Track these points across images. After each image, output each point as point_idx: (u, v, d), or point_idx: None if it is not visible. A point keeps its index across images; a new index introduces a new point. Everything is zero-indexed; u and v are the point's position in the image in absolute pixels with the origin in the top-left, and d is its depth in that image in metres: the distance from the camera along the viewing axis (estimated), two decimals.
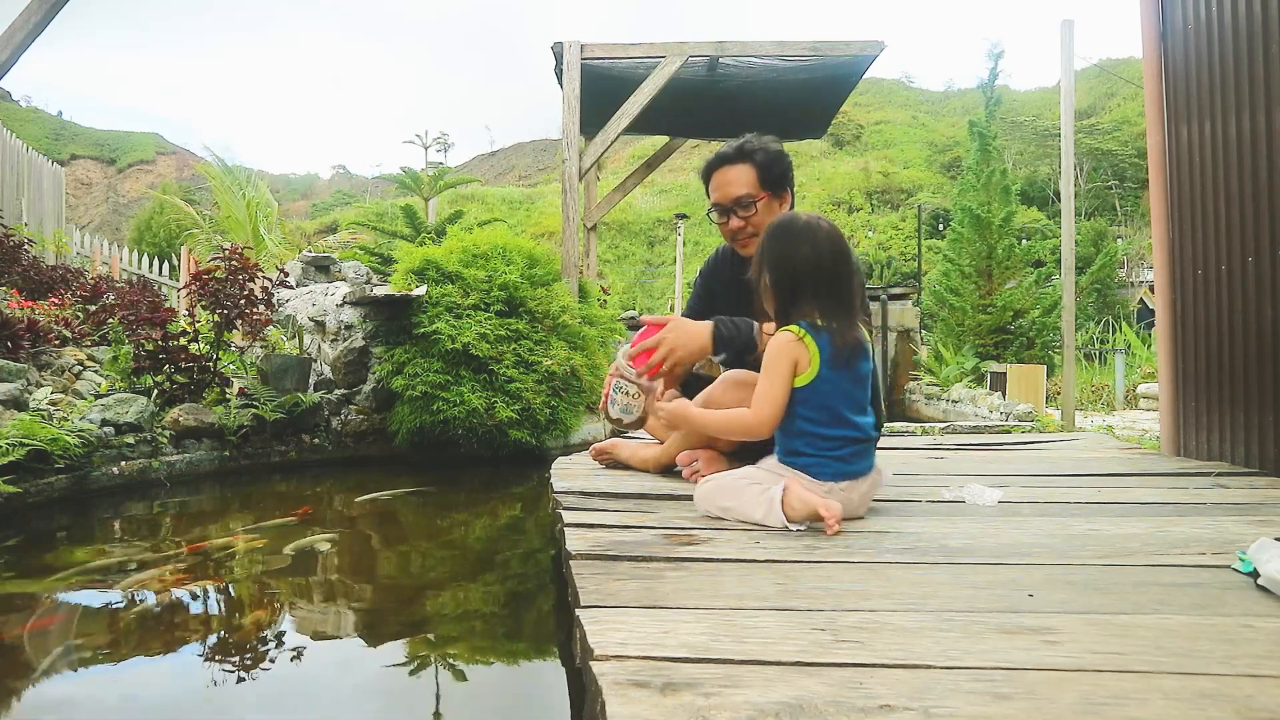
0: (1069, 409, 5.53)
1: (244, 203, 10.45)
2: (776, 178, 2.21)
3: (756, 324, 2.02)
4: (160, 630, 1.82)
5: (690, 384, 2.37)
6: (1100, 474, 2.47)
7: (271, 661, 1.66)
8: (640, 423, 2.24)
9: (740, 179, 2.19)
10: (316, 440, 4.46)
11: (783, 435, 1.70)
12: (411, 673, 1.62)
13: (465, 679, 1.61)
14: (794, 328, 1.66)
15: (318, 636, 1.82)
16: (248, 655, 1.68)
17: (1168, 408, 3.02)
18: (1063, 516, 1.78)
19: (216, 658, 1.65)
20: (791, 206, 2.25)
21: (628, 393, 2.17)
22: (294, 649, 1.74)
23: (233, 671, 1.59)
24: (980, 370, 8.51)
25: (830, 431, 1.65)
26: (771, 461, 1.73)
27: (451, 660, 1.70)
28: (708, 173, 2.28)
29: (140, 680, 1.55)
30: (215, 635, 1.81)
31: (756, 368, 1.75)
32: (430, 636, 1.84)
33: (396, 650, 1.76)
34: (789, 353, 1.64)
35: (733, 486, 1.70)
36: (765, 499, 1.61)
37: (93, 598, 2.02)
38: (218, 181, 10.61)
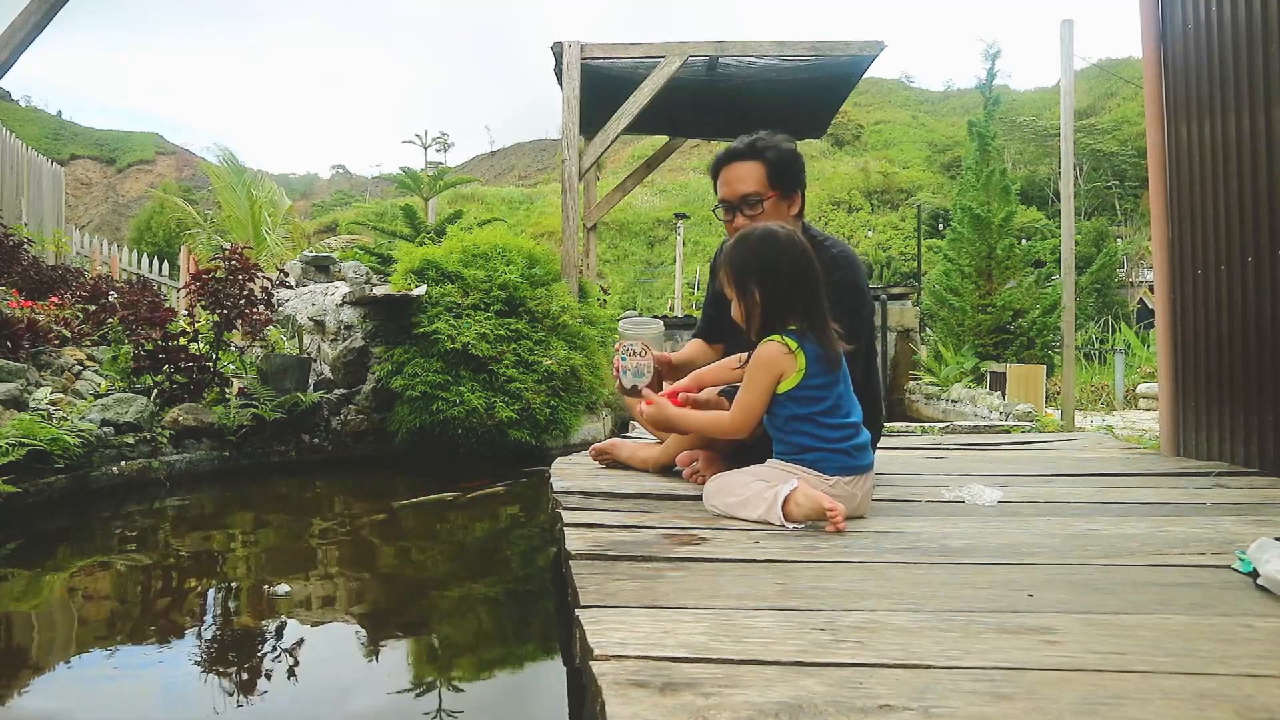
0: (1069, 409, 5.53)
1: (247, 201, 10.43)
2: (787, 178, 2.15)
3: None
4: None
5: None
6: (1100, 474, 2.47)
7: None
8: (657, 386, 2.15)
9: (749, 176, 2.13)
10: (316, 440, 4.46)
11: (785, 434, 1.70)
12: (413, 671, 1.63)
13: (465, 678, 1.61)
14: (780, 338, 1.66)
15: (318, 624, 1.82)
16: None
17: (1167, 407, 3.02)
18: (1063, 516, 1.78)
19: None
20: (802, 209, 2.22)
21: (635, 351, 2.09)
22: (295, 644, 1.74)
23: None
24: (980, 370, 8.50)
25: (834, 420, 1.67)
26: (777, 461, 1.73)
27: (452, 659, 1.70)
28: (717, 167, 2.22)
29: None
30: None
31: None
32: (435, 642, 1.84)
33: (397, 649, 1.76)
34: (775, 365, 1.65)
35: (738, 483, 1.70)
36: (769, 496, 1.61)
37: None
38: (221, 180, 10.60)
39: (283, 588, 2.08)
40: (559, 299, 5.02)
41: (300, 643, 1.77)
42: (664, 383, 2.20)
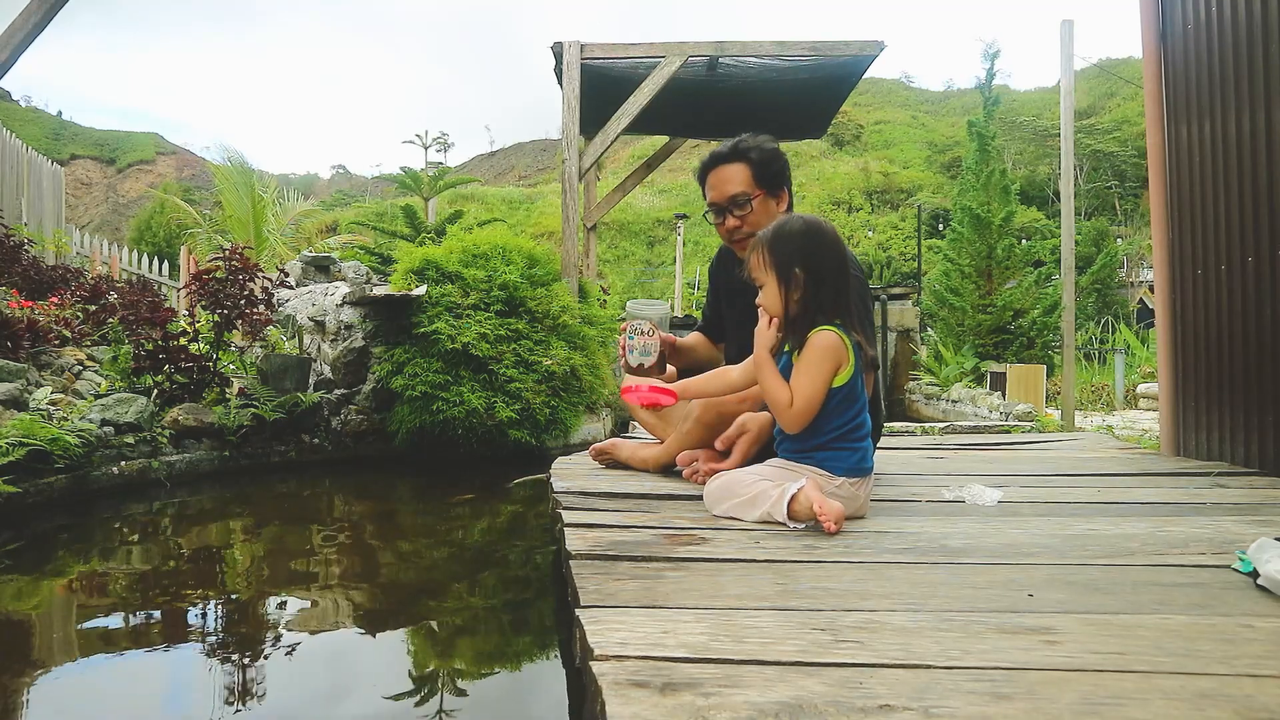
0: (1069, 409, 5.53)
1: (250, 201, 10.42)
2: (772, 176, 2.18)
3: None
4: None
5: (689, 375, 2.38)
6: (1100, 474, 2.47)
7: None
8: (662, 366, 2.21)
9: (735, 177, 2.17)
10: (316, 440, 4.46)
11: (808, 434, 1.70)
12: (413, 671, 1.63)
13: (465, 678, 1.61)
14: (833, 328, 1.65)
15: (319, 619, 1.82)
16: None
17: (1167, 408, 3.02)
18: (1063, 516, 1.78)
19: None
20: (790, 206, 2.24)
21: (642, 331, 2.14)
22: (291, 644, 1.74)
23: None
24: (980, 370, 8.50)
25: (856, 422, 1.68)
26: (782, 460, 1.73)
27: (452, 659, 1.70)
28: (703, 173, 2.26)
29: None
30: None
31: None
32: (435, 643, 1.84)
33: (397, 649, 1.76)
34: (837, 354, 1.63)
35: (743, 483, 1.70)
36: (775, 494, 1.60)
37: None
38: (225, 180, 10.59)
39: (283, 602, 2.07)
40: (559, 299, 5.02)
41: (299, 642, 1.77)
42: (667, 363, 2.24)
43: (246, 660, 1.67)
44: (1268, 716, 0.81)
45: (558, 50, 6.02)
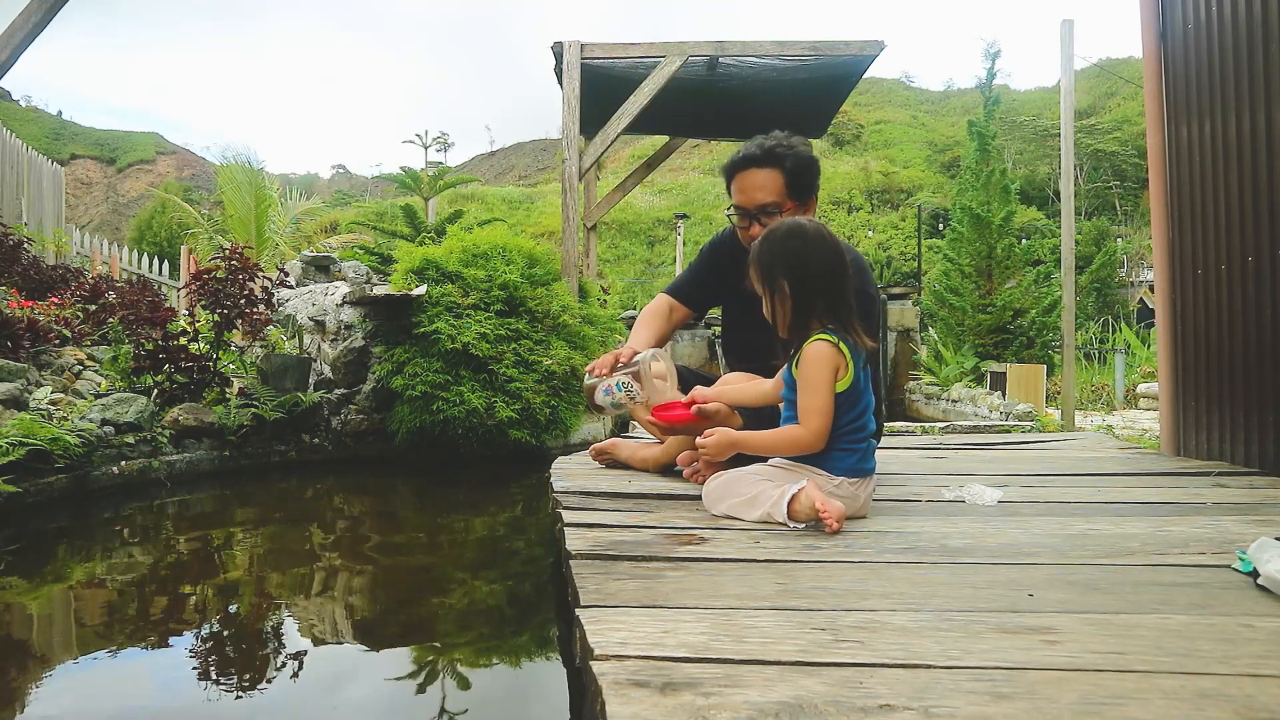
0: (1069, 409, 5.52)
1: (252, 200, 10.42)
2: (804, 185, 2.10)
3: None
4: None
5: (689, 385, 2.38)
6: (1100, 474, 2.47)
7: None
8: (680, 386, 2.14)
9: (768, 185, 2.08)
10: (316, 440, 4.46)
11: None
12: (412, 671, 1.63)
13: (465, 677, 1.61)
14: (827, 336, 1.65)
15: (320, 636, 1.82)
16: None
17: (1167, 407, 3.02)
18: (1063, 516, 1.78)
19: None
20: (814, 209, 2.21)
21: (632, 396, 2.07)
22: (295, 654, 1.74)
23: None
24: (980, 370, 8.51)
25: (859, 423, 1.68)
26: (782, 460, 1.73)
27: (452, 659, 1.70)
28: (731, 171, 2.16)
29: None
30: None
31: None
32: (435, 642, 1.84)
33: (396, 649, 1.76)
34: (833, 360, 1.63)
35: (743, 483, 1.70)
36: (775, 495, 1.60)
37: None
38: (229, 180, 10.58)
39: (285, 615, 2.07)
40: (559, 299, 5.02)
41: (299, 642, 1.77)
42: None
43: (245, 659, 1.67)
44: (1268, 716, 0.81)
45: (558, 50, 6.02)
